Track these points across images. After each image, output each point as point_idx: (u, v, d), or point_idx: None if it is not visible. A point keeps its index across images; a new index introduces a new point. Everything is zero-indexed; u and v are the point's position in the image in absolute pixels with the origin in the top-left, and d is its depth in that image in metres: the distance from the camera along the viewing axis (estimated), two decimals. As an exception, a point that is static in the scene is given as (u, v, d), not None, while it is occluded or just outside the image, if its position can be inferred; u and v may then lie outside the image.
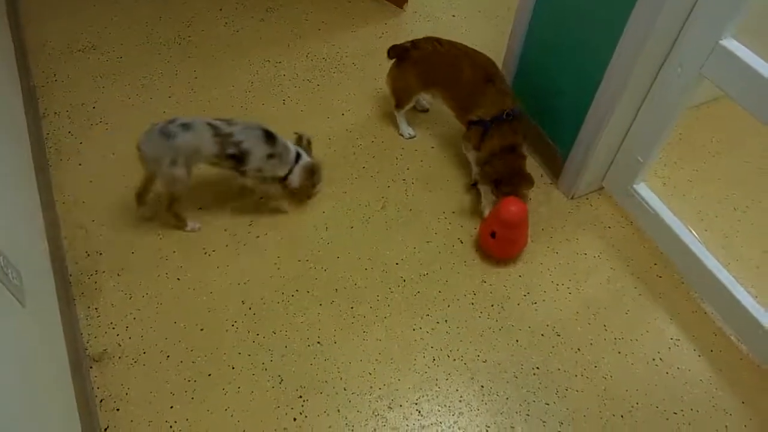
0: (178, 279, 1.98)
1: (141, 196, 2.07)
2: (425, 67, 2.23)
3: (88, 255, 2.03)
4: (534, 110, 2.33)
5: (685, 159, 2.41)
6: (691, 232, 2.03)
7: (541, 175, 2.35)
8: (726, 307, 1.92)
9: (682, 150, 2.40)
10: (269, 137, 1.97)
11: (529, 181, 2.06)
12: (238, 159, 1.94)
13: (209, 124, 1.90)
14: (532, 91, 2.31)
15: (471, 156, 2.21)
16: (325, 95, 2.61)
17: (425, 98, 2.48)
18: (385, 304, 1.96)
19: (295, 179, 2.03)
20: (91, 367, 1.78)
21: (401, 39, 2.32)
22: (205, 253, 2.05)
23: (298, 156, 2.05)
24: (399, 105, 2.37)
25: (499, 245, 2.01)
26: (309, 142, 2.13)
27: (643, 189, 2.14)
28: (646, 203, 2.11)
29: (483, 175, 2.11)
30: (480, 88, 2.10)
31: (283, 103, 2.56)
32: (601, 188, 2.29)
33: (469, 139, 2.16)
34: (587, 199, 2.28)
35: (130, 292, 1.94)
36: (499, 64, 2.33)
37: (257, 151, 1.94)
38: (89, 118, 2.44)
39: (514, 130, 2.07)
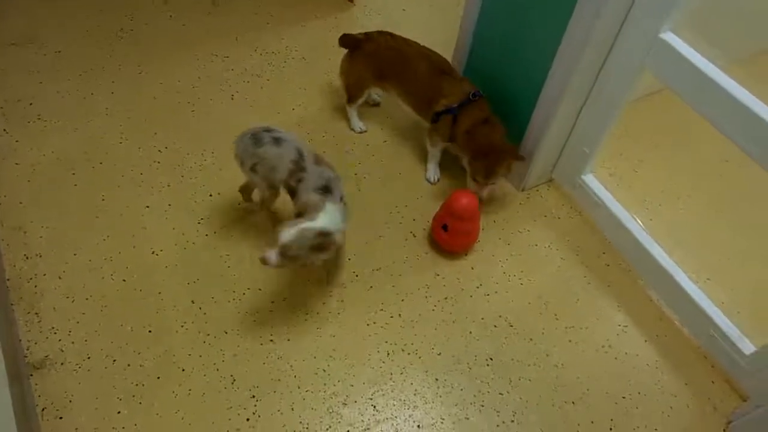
0: (124, 280, 1.91)
1: (243, 191, 2.06)
2: (378, 61, 2.22)
3: (27, 257, 1.94)
4: (484, 103, 2.35)
5: (631, 150, 2.47)
6: (636, 221, 2.08)
7: (492, 168, 2.37)
8: (669, 293, 1.98)
9: (627, 141, 2.46)
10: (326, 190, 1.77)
11: (512, 154, 2.05)
12: (292, 193, 1.84)
13: (297, 149, 1.80)
14: (482, 85, 2.32)
15: (437, 149, 2.22)
16: (274, 90, 2.57)
17: (377, 92, 2.46)
18: (338, 299, 1.94)
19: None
20: (31, 375, 1.70)
21: (353, 30, 2.30)
22: (153, 253, 1.98)
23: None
24: (351, 100, 2.35)
25: (451, 238, 2.02)
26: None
27: (590, 180, 2.18)
28: (594, 194, 2.15)
29: (463, 151, 2.10)
30: (437, 80, 2.10)
31: (232, 99, 2.51)
32: (551, 180, 2.33)
33: (438, 131, 2.15)
34: (537, 190, 2.32)
35: (73, 295, 1.87)
36: (449, 58, 2.34)
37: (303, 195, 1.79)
38: (25, 115, 2.33)
39: (482, 107, 2.08)
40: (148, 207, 2.10)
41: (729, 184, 2.42)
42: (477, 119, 2.05)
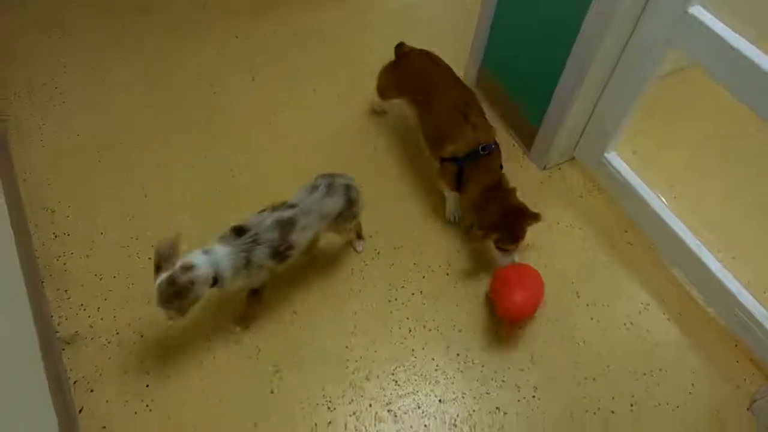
0: (150, 258, 1.94)
1: None
2: (405, 78, 2.14)
3: (55, 236, 1.98)
4: (505, 82, 2.33)
5: (655, 128, 2.43)
6: (660, 199, 2.06)
7: (513, 146, 2.36)
8: (693, 272, 1.96)
9: (651, 119, 2.42)
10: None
11: (530, 217, 1.87)
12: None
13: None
14: (504, 63, 2.31)
15: (448, 195, 2.07)
16: (295, 67, 2.57)
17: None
18: (360, 277, 1.96)
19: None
20: (63, 350, 1.75)
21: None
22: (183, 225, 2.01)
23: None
24: (379, 96, 2.32)
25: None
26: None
27: (613, 158, 2.16)
28: (617, 172, 2.13)
29: (480, 226, 1.88)
30: (452, 118, 1.93)
31: (252, 80, 2.52)
32: (573, 158, 2.31)
33: (444, 177, 2.00)
34: (559, 169, 2.30)
35: (101, 273, 1.91)
36: (470, 35, 2.32)
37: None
38: (51, 98, 2.37)
39: (490, 166, 1.90)
40: (172, 184, 2.13)
41: (755, 162, 2.37)
42: (485, 184, 1.88)
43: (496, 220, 1.85)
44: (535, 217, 1.87)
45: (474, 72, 2.48)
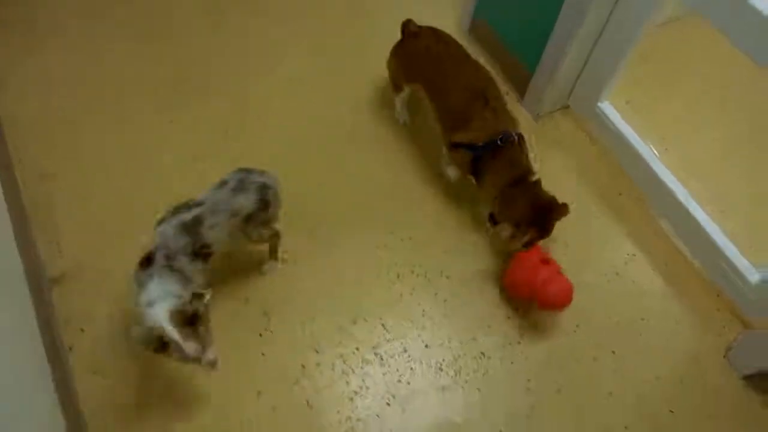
0: (138, 200, 1.93)
1: None
2: (413, 62, 1.96)
3: (43, 178, 1.96)
4: (500, 26, 2.27)
5: (649, 78, 2.40)
6: (651, 149, 2.05)
7: (507, 94, 2.32)
8: (681, 224, 1.97)
9: (646, 69, 2.38)
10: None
11: (560, 211, 1.77)
12: None
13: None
14: (499, 7, 2.25)
15: (452, 171, 1.96)
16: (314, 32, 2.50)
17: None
18: (349, 223, 1.96)
19: None
20: (52, 289, 1.75)
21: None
22: (175, 167, 2.00)
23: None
24: (394, 90, 2.13)
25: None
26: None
27: (607, 107, 2.13)
28: (610, 122, 2.11)
29: (504, 218, 1.78)
30: (470, 107, 1.80)
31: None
32: (567, 107, 2.29)
33: (455, 161, 1.90)
34: (552, 117, 2.27)
35: (89, 212, 1.89)
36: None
37: None
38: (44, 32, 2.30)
39: (513, 158, 1.78)
40: (168, 122, 2.10)
41: (749, 116, 2.35)
42: (508, 177, 1.76)
43: (527, 218, 1.73)
44: (566, 211, 1.77)
45: (467, 18, 2.42)
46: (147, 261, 1.46)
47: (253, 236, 1.63)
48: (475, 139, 1.78)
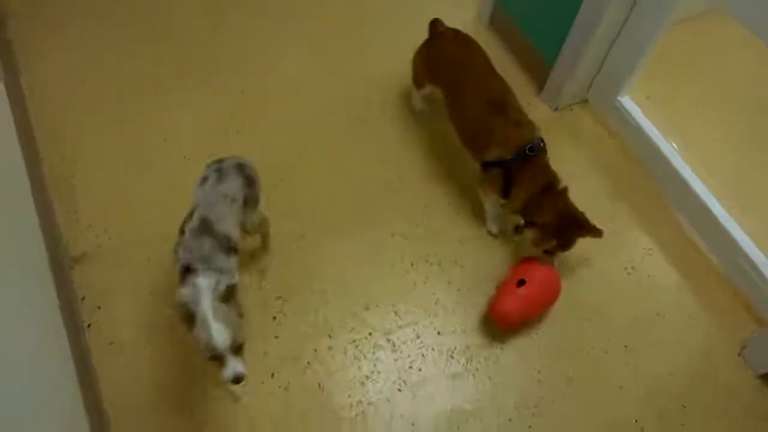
0: (156, 182, 1.96)
1: None
2: (435, 63, 1.95)
3: (64, 158, 1.99)
4: (520, 18, 2.27)
5: (670, 74, 2.37)
6: (671, 145, 2.04)
7: (526, 86, 2.31)
8: (699, 219, 1.96)
9: (666, 64, 2.36)
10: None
11: (592, 231, 1.74)
12: None
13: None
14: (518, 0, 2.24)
15: (492, 204, 1.90)
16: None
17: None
18: (364, 210, 1.97)
19: None
20: (72, 268, 1.79)
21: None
22: (184, 158, 2.02)
23: None
24: (414, 85, 2.11)
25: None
26: None
27: (627, 102, 2.12)
28: (630, 116, 2.10)
29: (534, 224, 1.76)
30: (490, 118, 1.76)
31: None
32: (585, 101, 2.27)
33: (489, 183, 1.82)
34: (571, 110, 2.26)
35: (109, 195, 1.93)
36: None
37: None
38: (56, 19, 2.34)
39: (541, 165, 1.75)
40: (177, 111, 2.12)
41: (772, 113, 2.33)
42: (539, 185, 1.74)
43: (552, 224, 1.73)
44: (599, 234, 1.74)
45: (488, 9, 2.41)
46: (186, 270, 1.41)
47: (248, 224, 1.61)
48: (502, 155, 1.74)
